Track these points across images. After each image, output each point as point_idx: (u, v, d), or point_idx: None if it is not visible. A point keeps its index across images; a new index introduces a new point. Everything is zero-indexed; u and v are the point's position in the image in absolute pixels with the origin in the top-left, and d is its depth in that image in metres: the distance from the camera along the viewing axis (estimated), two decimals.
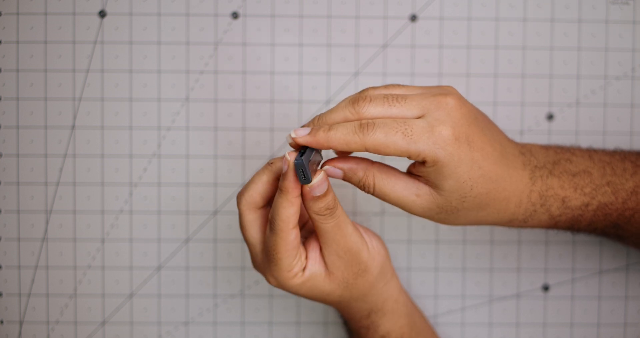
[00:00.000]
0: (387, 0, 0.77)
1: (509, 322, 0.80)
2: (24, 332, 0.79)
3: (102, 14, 0.77)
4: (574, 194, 0.66)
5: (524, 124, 0.78)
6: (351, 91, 0.78)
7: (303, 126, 0.62)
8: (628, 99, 0.78)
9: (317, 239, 0.65)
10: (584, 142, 0.78)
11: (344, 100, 0.62)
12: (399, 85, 0.63)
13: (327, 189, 0.61)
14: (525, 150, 0.65)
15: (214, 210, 0.79)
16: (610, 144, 0.78)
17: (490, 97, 0.78)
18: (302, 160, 0.59)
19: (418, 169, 0.61)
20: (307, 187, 0.61)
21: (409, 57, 0.78)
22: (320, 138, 0.60)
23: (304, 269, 0.65)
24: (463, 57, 0.78)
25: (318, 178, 0.61)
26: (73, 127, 0.78)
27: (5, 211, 0.78)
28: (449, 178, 0.60)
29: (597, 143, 0.78)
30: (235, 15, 0.77)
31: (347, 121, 0.60)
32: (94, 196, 0.78)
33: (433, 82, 0.78)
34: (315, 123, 0.62)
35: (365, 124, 0.59)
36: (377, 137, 0.58)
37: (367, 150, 0.59)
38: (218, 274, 0.79)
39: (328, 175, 0.62)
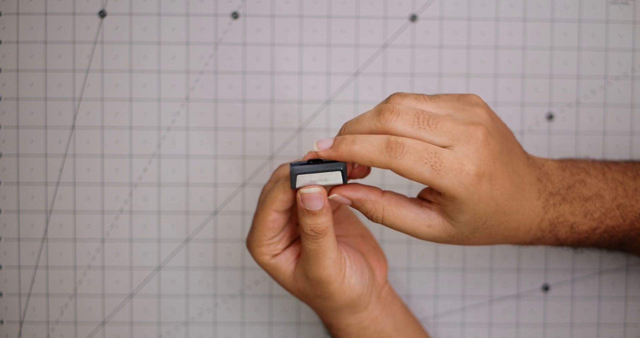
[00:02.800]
0: (387, 0, 0.77)
1: (509, 322, 0.80)
2: (24, 332, 0.79)
3: (102, 14, 0.77)
4: (583, 220, 0.65)
5: (524, 124, 0.78)
6: (351, 91, 0.78)
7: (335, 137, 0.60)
8: (628, 99, 0.78)
9: None
10: (584, 142, 0.78)
11: (371, 109, 0.59)
12: (429, 97, 0.60)
13: (320, 211, 0.60)
14: (542, 175, 0.64)
15: (214, 210, 0.79)
16: (610, 144, 0.78)
17: (490, 97, 0.78)
18: (295, 169, 0.59)
19: (435, 197, 0.60)
20: (298, 193, 0.60)
21: (409, 57, 0.78)
22: (342, 152, 0.58)
23: (275, 255, 0.65)
24: (463, 57, 0.78)
25: (307, 190, 0.59)
26: (73, 127, 0.78)
27: (5, 211, 0.78)
28: (465, 213, 0.59)
29: (597, 142, 0.78)
30: (235, 15, 0.77)
31: (372, 133, 0.58)
32: (94, 196, 0.78)
33: (433, 82, 0.77)
34: (342, 133, 0.59)
35: (394, 145, 0.57)
36: (404, 162, 0.56)
37: (390, 170, 0.57)
38: (218, 274, 0.79)
39: (334, 200, 0.61)
